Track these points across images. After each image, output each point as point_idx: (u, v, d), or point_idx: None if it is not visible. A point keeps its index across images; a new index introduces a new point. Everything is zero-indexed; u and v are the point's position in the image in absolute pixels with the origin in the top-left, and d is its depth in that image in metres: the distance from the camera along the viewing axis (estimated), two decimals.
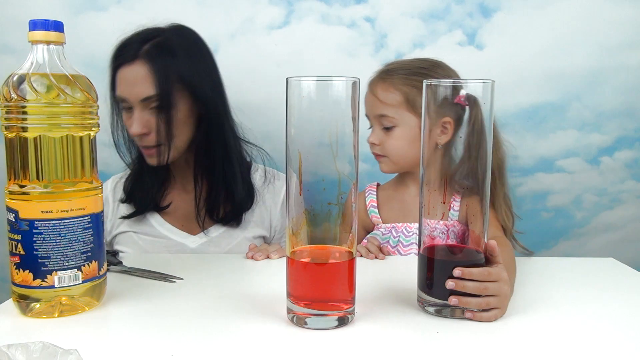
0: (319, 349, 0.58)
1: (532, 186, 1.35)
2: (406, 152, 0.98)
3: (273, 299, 0.70)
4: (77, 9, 1.24)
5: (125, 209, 1.08)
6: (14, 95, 0.61)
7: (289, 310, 0.64)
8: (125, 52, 0.98)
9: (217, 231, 1.06)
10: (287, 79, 0.61)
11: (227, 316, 0.66)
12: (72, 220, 0.64)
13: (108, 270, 0.84)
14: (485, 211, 0.67)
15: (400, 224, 1.02)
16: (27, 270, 0.63)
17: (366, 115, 1.01)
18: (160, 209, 1.07)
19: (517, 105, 1.30)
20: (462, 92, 0.66)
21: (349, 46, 1.29)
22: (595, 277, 0.85)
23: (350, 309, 0.64)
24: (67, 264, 0.64)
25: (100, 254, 0.68)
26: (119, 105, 1.01)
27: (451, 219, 0.68)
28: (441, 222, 0.68)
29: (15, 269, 0.64)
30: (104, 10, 1.26)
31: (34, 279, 0.63)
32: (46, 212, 0.62)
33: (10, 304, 0.68)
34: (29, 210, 0.62)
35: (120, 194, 1.09)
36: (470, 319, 0.65)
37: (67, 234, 0.63)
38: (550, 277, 0.84)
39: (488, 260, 0.67)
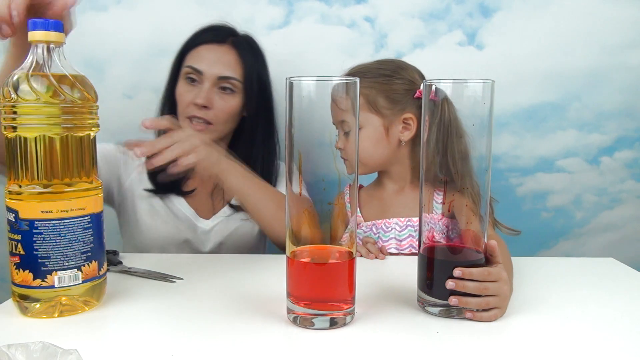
0: (318, 349, 0.58)
1: (532, 186, 1.35)
2: (373, 153, 1.00)
3: (273, 299, 0.70)
4: (77, 9, 1.24)
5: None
6: (14, 95, 0.61)
7: (289, 310, 0.64)
8: (214, 34, 1.09)
9: (225, 213, 1.12)
10: (287, 79, 0.61)
11: (227, 316, 0.66)
12: (72, 220, 0.64)
13: (108, 270, 0.84)
14: (485, 211, 0.67)
15: (380, 221, 1.04)
16: (27, 270, 0.63)
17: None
18: (184, 193, 1.12)
19: (517, 105, 1.30)
20: (433, 88, 0.67)
21: (349, 46, 1.29)
22: (595, 277, 0.85)
23: (350, 309, 0.64)
24: (67, 264, 0.64)
25: (100, 254, 0.68)
26: (177, 76, 1.09)
27: (436, 212, 0.69)
28: (440, 221, 0.68)
29: (15, 269, 0.64)
30: (104, 10, 1.26)
31: (33, 279, 0.63)
32: (46, 212, 0.62)
33: (10, 304, 0.68)
34: (29, 210, 0.62)
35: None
36: (470, 319, 0.65)
37: (67, 234, 0.63)
38: (550, 277, 0.84)
39: (488, 260, 0.67)
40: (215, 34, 1.08)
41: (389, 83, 0.99)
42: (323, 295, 0.62)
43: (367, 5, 1.27)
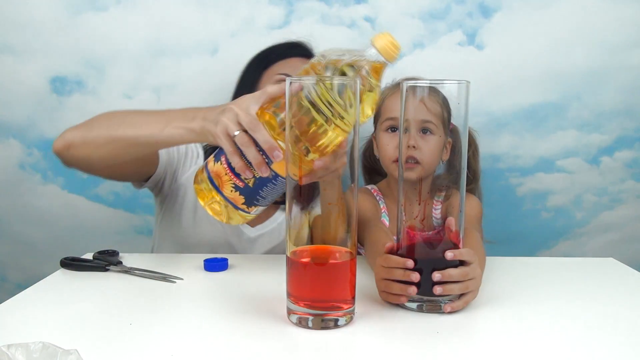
0: (319, 349, 0.58)
1: (532, 186, 1.35)
2: (435, 162, 0.96)
3: (273, 299, 0.70)
4: (77, 9, 1.24)
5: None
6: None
7: (289, 310, 0.64)
8: (302, 50, 1.11)
9: (270, 225, 1.09)
10: (287, 78, 0.61)
11: (227, 316, 0.66)
12: (281, 181, 0.71)
13: (108, 270, 0.85)
14: (461, 209, 0.70)
15: None
16: (243, 196, 0.73)
17: (387, 119, 1.03)
18: None
19: (517, 105, 1.30)
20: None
21: (349, 46, 1.29)
22: (595, 277, 0.86)
23: (350, 309, 0.64)
24: (264, 205, 0.76)
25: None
26: (254, 84, 1.09)
27: (435, 227, 0.71)
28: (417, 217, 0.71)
29: (234, 189, 0.72)
30: (104, 10, 1.26)
31: (243, 204, 0.73)
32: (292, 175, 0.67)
33: (10, 303, 0.68)
34: (284, 171, 0.67)
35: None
36: (449, 312, 0.67)
37: (279, 190, 0.74)
38: (550, 277, 0.85)
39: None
40: (304, 50, 1.10)
41: (447, 107, 1.00)
42: (323, 295, 0.62)
43: (367, 5, 1.27)
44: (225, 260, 0.87)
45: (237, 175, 0.71)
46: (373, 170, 1.17)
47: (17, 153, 1.31)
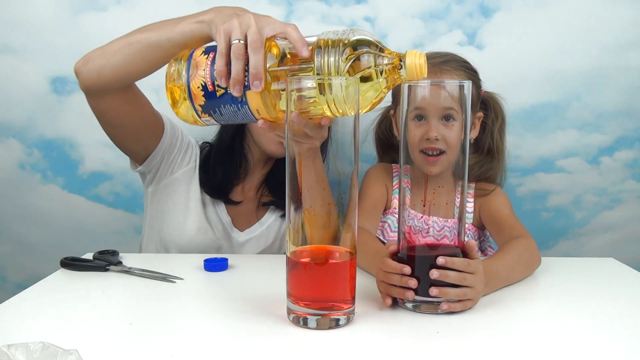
0: (319, 349, 0.58)
1: (532, 186, 1.35)
2: (459, 147, 0.83)
3: (273, 299, 0.70)
4: (77, 9, 1.24)
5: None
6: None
7: (289, 310, 0.64)
8: None
9: (258, 229, 1.08)
10: (287, 78, 0.61)
11: (227, 316, 0.66)
12: (246, 111, 0.70)
13: (108, 270, 0.84)
14: (464, 202, 0.70)
15: (420, 215, 0.97)
16: (204, 99, 0.70)
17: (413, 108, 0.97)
18: (229, 201, 1.08)
19: (517, 105, 1.30)
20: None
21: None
22: (595, 277, 0.86)
23: (350, 309, 0.64)
24: (216, 120, 0.74)
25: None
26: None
27: (467, 222, 0.70)
28: (422, 219, 0.72)
29: (201, 88, 0.69)
30: (104, 10, 1.26)
31: (200, 105, 0.71)
32: (257, 112, 0.70)
33: (10, 303, 0.68)
34: (254, 104, 0.69)
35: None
36: (446, 310, 0.66)
37: (239, 118, 0.73)
38: (550, 277, 0.84)
39: (465, 255, 0.69)
40: None
41: (475, 77, 0.95)
42: (323, 295, 0.62)
43: (367, 5, 1.27)
44: (225, 260, 0.87)
45: (213, 78, 0.69)
46: (388, 145, 1.12)
47: (17, 153, 1.31)
